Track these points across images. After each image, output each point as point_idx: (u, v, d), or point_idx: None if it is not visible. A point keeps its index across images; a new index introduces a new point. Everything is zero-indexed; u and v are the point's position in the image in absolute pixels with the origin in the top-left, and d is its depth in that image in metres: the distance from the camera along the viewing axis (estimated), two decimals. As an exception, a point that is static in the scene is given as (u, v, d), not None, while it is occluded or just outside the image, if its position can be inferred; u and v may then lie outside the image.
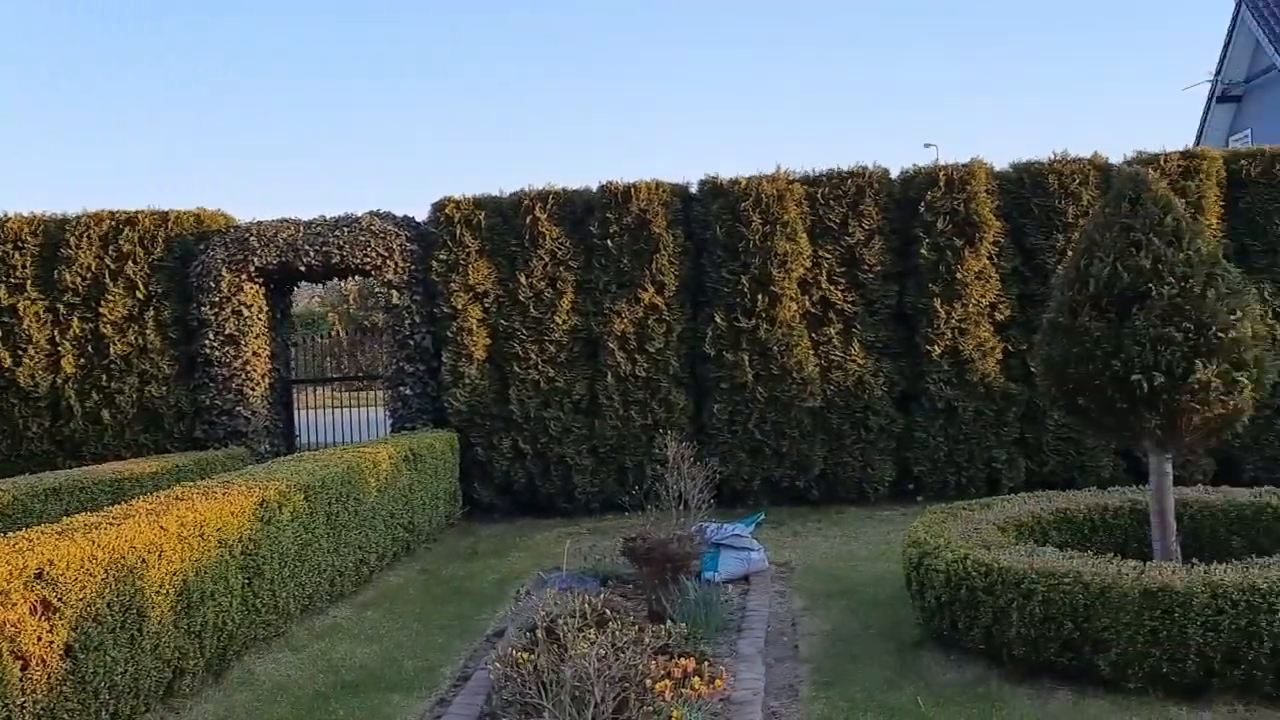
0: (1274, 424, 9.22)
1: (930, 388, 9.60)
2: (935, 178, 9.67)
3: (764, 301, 9.64)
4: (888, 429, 9.68)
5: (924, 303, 9.65)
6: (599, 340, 9.93)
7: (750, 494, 9.77)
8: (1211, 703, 4.48)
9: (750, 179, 9.82)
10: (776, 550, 7.95)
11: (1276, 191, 9.44)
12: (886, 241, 9.81)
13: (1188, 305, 5.30)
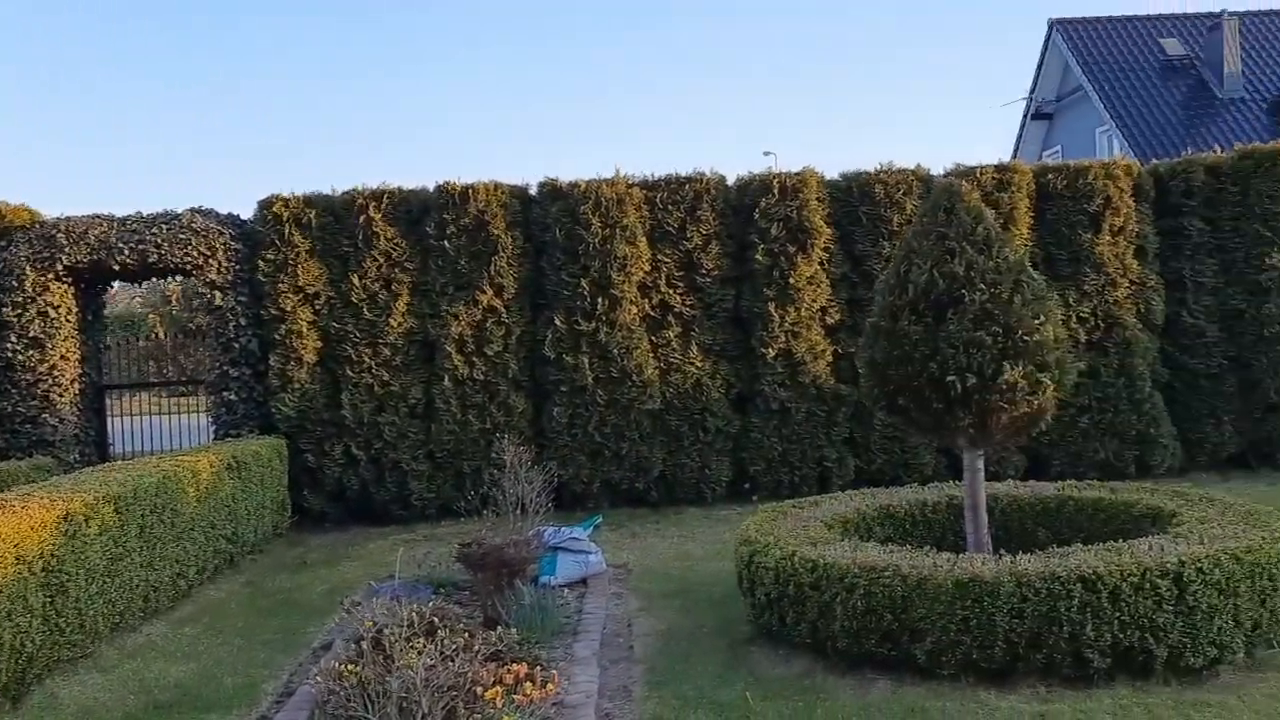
0: (1077, 423, 9.85)
1: (765, 389, 9.84)
2: (769, 185, 9.92)
3: (604, 304, 9.68)
4: (725, 430, 9.87)
5: (759, 307, 9.88)
6: (436, 343, 9.76)
7: (590, 497, 9.79)
8: (1017, 686, 4.74)
9: (590, 182, 9.84)
10: (615, 552, 7.98)
11: (1080, 204, 10.08)
12: (723, 246, 10.01)
13: (997, 310, 5.57)
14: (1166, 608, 4.67)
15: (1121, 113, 25.47)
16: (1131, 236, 10.12)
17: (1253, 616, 4.85)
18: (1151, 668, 4.73)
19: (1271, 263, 9.98)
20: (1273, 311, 9.95)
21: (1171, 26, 27.61)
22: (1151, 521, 5.91)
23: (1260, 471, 10.06)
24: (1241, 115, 25.27)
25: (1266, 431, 10.11)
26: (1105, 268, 9.99)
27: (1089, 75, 26.54)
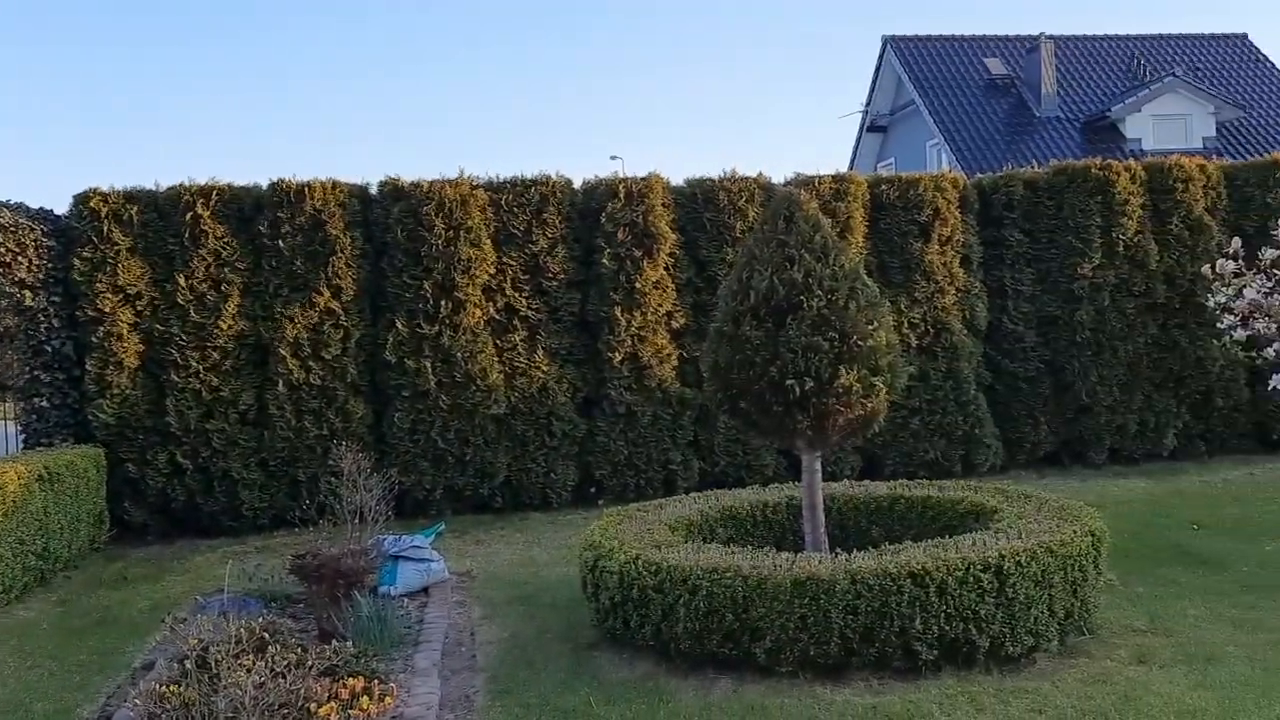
0: (909, 424, 10.27)
1: (612, 393, 9.87)
2: (616, 190, 9.96)
3: (448, 307, 9.51)
4: (571, 434, 9.85)
5: (606, 311, 9.90)
6: (269, 346, 9.37)
7: (433, 504, 9.59)
8: (851, 680, 4.88)
9: (433, 183, 9.66)
10: (458, 560, 7.85)
11: (911, 214, 10.51)
12: (570, 250, 9.99)
13: (834, 316, 5.74)
14: (989, 600, 4.90)
15: (950, 127, 26.79)
16: (958, 246, 10.61)
17: (1065, 606, 5.14)
18: (975, 658, 4.95)
19: (1083, 272, 10.64)
20: (1084, 318, 10.62)
21: (995, 47, 29.21)
22: (975, 518, 6.20)
23: (1073, 469, 10.72)
24: (1057, 133, 26.95)
25: (1078, 431, 10.78)
26: (934, 276, 10.45)
27: (920, 91, 27.83)
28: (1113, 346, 10.67)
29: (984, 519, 6.08)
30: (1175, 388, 10.84)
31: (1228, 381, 10.79)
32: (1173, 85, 26.16)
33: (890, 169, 28.16)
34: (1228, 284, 8.31)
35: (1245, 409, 10.92)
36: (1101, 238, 10.69)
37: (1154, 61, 29.13)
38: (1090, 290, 10.66)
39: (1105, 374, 10.64)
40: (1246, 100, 27.79)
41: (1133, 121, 26.17)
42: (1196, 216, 10.89)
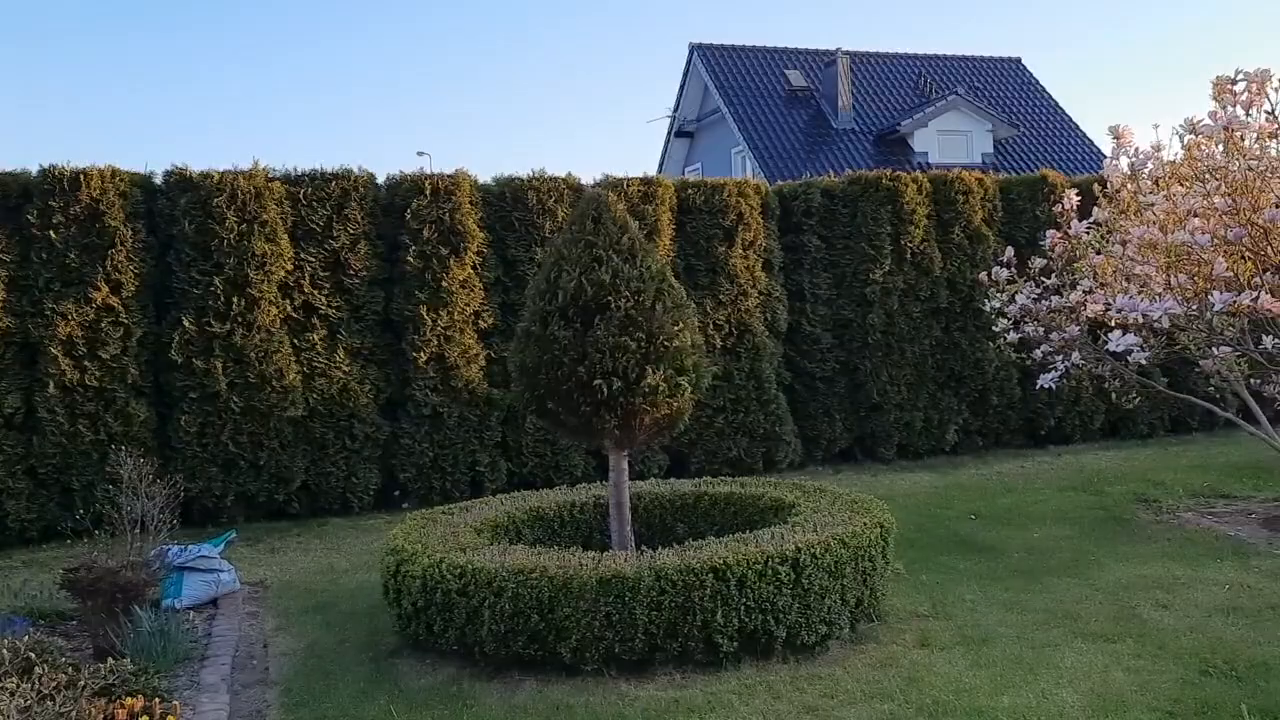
0: (714, 422, 10.52)
1: (417, 394, 9.65)
2: (421, 186, 9.75)
3: (240, 305, 9.06)
4: (374, 437, 9.57)
5: (411, 310, 9.68)
6: (39, 345, 8.66)
7: (224, 511, 9.12)
8: (655, 675, 4.95)
9: (225, 174, 9.18)
10: (251, 569, 7.49)
11: (716, 219, 10.78)
12: (373, 247, 9.71)
13: (641, 317, 5.79)
14: (786, 591, 5.07)
15: (753, 135, 27.68)
16: (761, 251, 10.96)
17: (856, 595, 5.39)
18: (773, 648, 5.11)
19: (875, 278, 11.20)
20: (875, 321, 11.17)
21: (795, 59, 30.41)
22: (775, 513, 6.40)
23: (865, 464, 11.27)
24: (853, 144, 28.30)
25: (870, 428, 11.33)
26: (738, 279, 10.75)
27: (725, 98, 28.64)
28: (901, 348, 11.27)
29: (783, 514, 6.28)
30: (956, 387, 11.56)
31: (1002, 381, 11.59)
32: (956, 103, 27.95)
33: (698, 174, 28.83)
34: (1002, 290, 8.93)
35: (1017, 406, 11.75)
36: (891, 245, 11.28)
37: (939, 80, 31.05)
38: (881, 295, 11.23)
39: (894, 374, 11.23)
40: (1020, 120, 30.01)
41: (920, 136, 27.80)
42: (976, 227, 11.64)
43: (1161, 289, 7.67)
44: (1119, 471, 10.08)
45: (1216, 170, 7.61)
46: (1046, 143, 30.06)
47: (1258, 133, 7.46)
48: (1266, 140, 7.42)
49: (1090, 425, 11.98)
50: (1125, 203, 8.19)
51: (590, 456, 10.07)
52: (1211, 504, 8.51)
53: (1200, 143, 7.76)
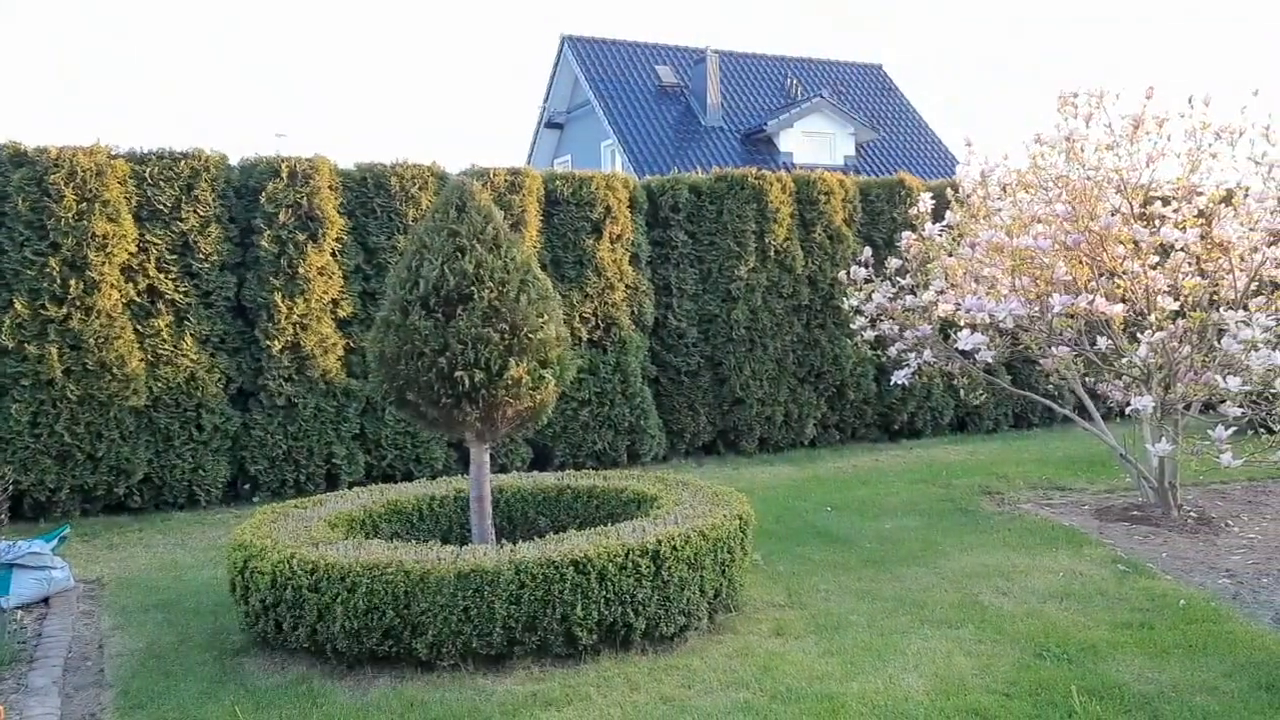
0: (578, 415, 10.51)
1: (270, 384, 9.32)
2: (278, 169, 9.41)
3: (79, 288, 8.57)
4: (223, 428, 9.20)
5: (265, 296, 9.33)
6: None
7: (58, 505, 8.62)
8: (513, 669, 4.90)
9: (63, 149, 8.66)
10: (87, 566, 7.10)
11: (584, 211, 10.76)
12: (225, 231, 9.32)
13: (505, 309, 5.72)
14: (645, 583, 5.09)
15: (623, 129, 27.77)
16: (628, 244, 10.99)
17: (715, 586, 5.46)
18: (632, 639, 5.13)
19: (739, 274, 11.37)
20: (739, 317, 11.35)
21: (666, 55, 30.65)
22: (637, 506, 6.43)
23: (727, 457, 11.44)
24: (721, 142, 28.70)
25: (733, 422, 11.51)
26: (605, 272, 10.76)
27: (595, 91, 28.64)
28: (764, 344, 11.49)
29: (645, 506, 6.31)
30: (816, 382, 11.85)
31: (859, 377, 11.94)
32: (820, 106, 28.67)
33: (567, 166, 28.77)
34: (860, 289, 9.19)
35: (873, 401, 12.13)
36: (756, 242, 11.48)
37: (805, 82, 31.78)
38: (746, 291, 11.42)
39: (757, 369, 11.43)
40: (880, 124, 30.99)
41: (786, 136, 28.40)
42: (837, 227, 11.96)
43: (1007, 291, 8.04)
44: (966, 464, 10.51)
45: (1058, 179, 8.02)
46: (905, 147, 31.14)
47: (1096, 145, 7.89)
48: (1103, 152, 7.86)
49: (941, 420, 12.46)
50: (975, 207, 8.54)
51: (452, 449, 9.93)
52: (1049, 495, 8.96)
53: (1044, 152, 8.17)
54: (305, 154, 9.58)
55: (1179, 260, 7.51)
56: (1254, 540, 7.31)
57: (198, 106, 67.74)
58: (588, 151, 29.76)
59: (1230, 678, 4.64)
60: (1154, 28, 67.89)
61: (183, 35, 67.16)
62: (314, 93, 69.72)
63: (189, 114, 65.37)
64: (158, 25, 67.09)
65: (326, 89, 69.84)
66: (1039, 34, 69.30)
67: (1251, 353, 6.86)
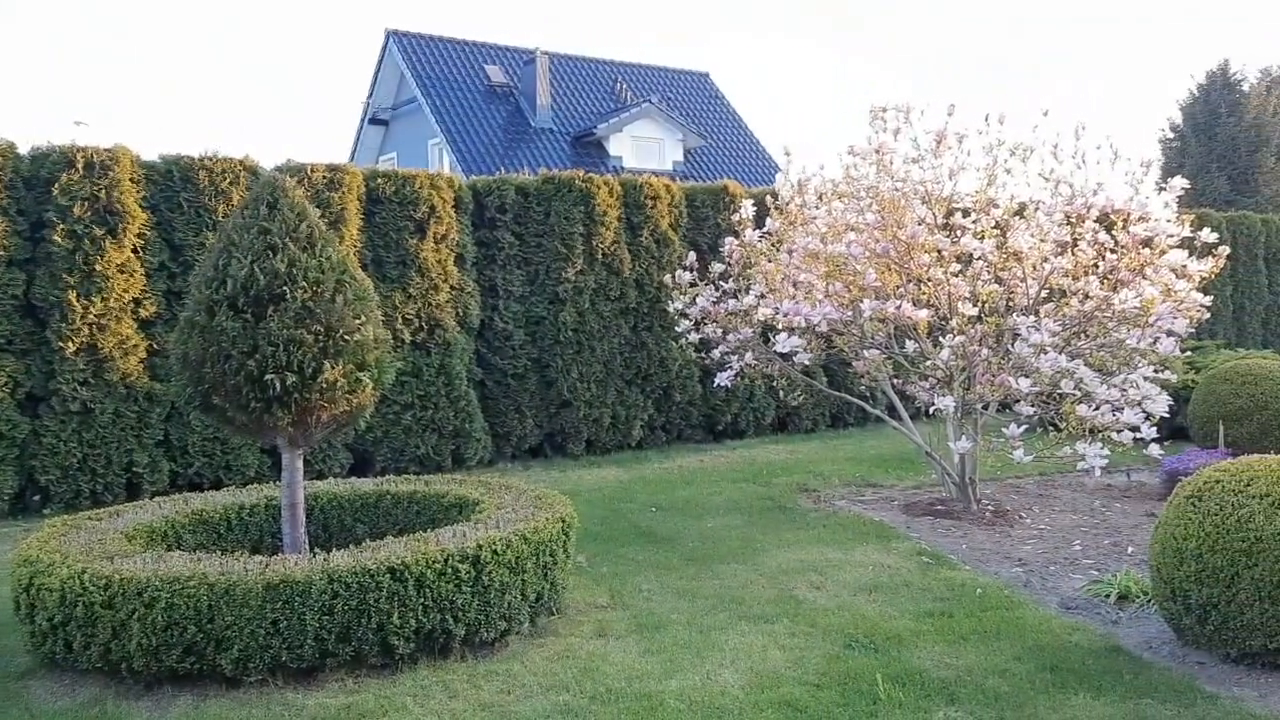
0: (401, 419, 10.28)
1: (63, 388, 8.71)
2: (73, 159, 8.82)
3: None
4: (9, 435, 8.55)
5: (57, 295, 8.73)
6: None
7: None
8: (325, 682, 4.74)
9: None
10: None
11: (407, 210, 10.53)
12: (13, 224, 8.67)
13: (319, 309, 5.54)
14: (465, 589, 5.02)
15: (451, 128, 27.38)
16: (453, 245, 10.83)
17: (537, 589, 5.43)
18: (451, 646, 5.05)
19: (567, 276, 11.38)
20: (567, 319, 11.36)
21: (495, 55, 30.39)
22: (459, 510, 6.34)
23: (555, 460, 11.43)
24: (551, 144, 28.68)
25: (560, 425, 11.50)
26: (429, 273, 10.57)
27: (422, 89, 28.13)
28: (591, 346, 11.53)
29: (467, 511, 6.23)
30: (643, 384, 11.98)
31: (685, 379, 12.15)
32: (649, 111, 29.04)
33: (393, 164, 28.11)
34: (684, 293, 9.36)
35: (698, 403, 12.36)
36: (584, 245, 11.51)
37: (634, 87, 32.13)
38: (573, 293, 11.43)
39: (585, 371, 11.47)
40: (707, 132, 31.65)
41: (615, 140, 28.64)
42: (663, 231, 12.13)
43: (822, 296, 8.35)
44: (786, 463, 10.85)
45: (869, 189, 8.38)
46: (731, 154, 31.91)
47: (904, 157, 8.30)
48: (910, 164, 8.27)
49: (762, 421, 12.82)
50: (793, 215, 8.83)
51: (265, 455, 9.54)
52: (862, 492, 9.35)
53: (856, 163, 8.53)
54: (104, 144, 9.02)
55: (978, 268, 7.98)
56: (1044, 531, 7.83)
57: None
58: (414, 150, 29.19)
59: (1020, 660, 4.95)
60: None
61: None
62: (123, 83, 65.71)
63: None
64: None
65: (138, 79, 65.96)
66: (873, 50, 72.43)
67: (1041, 355, 7.36)
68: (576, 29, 64.61)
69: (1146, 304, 7.48)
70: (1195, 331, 9.16)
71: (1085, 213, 7.94)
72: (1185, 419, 10.75)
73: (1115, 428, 7.29)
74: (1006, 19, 65.85)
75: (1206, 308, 7.79)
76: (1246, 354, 12.49)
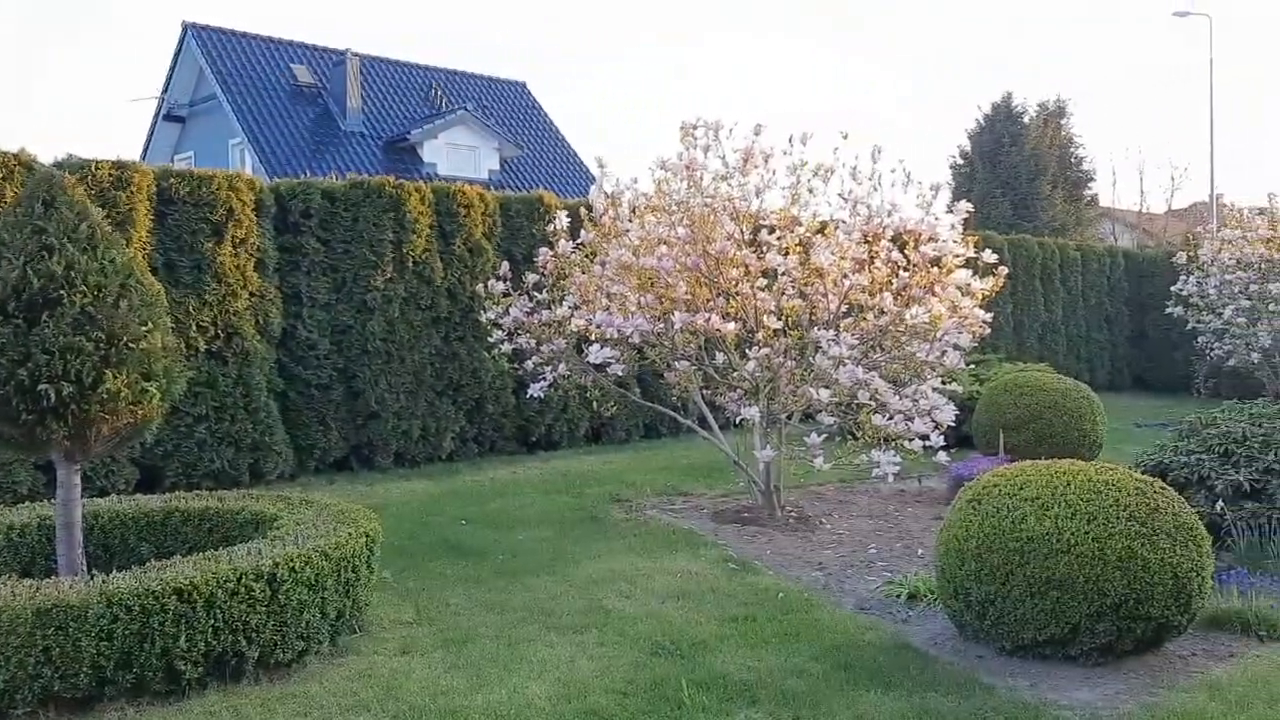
0: (194, 432, 9.72)
1: None
2: None
3: None
4: None
5: None
6: None
7: None
8: (103, 712, 4.44)
9: None
10: None
11: (203, 212, 9.99)
12: None
13: (100, 315, 5.21)
14: (260, 609, 4.79)
15: (254, 128, 26.27)
16: (253, 250, 10.36)
17: (338, 607, 5.25)
18: (244, 669, 4.81)
19: (376, 284, 11.09)
20: (375, 329, 11.06)
21: (303, 54, 29.37)
22: (255, 527, 6.05)
23: (361, 473, 11.08)
24: (362, 149, 27.95)
25: (368, 437, 11.18)
26: (227, 278, 10.06)
27: (223, 86, 26.88)
28: (401, 356, 11.27)
29: (264, 527, 5.95)
30: (454, 395, 11.80)
31: (498, 390, 12.04)
32: (464, 119, 28.73)
33: (190, 162, 26.73)
34: (498, 303, 9.29)
35: (512, 414, 12.27)
36: (393, 252, 11.25)
37: (450, 94, 31.73)
38: (382, 302, 11.14)
39: (394, 382, 11.19)
40: (524, 142, 31.60)
41: (430, 147, 28.19)
42: (477, 240, 12.00)
43: (635, 307, 8.46)
44: (599, 474, 10.92)
45: (680, 204, 8.57)
46: (547, 165, 31.96)
47: (713, 174, 8.53)
48: (719, 181, 8.50)
49: (576, 432, 12.85)
50: (607, 227, 8.92)
51: (40, 471, 8.83)
52: (673, 501, 9.51)
53: (668, 178, 8.70)
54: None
55: (784, 283, 8.27)
56: (843, 535, 8.19)
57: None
58: (214, 149, 27.81)
59: (817, 660, 5.14)
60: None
61: None
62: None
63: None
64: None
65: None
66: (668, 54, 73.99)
67: (840, 367, 7.70)
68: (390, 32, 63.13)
69: (935, 319, 7.94)
70: (979, 345, 9.79)
71: (881, 232, 8.36)
72: (970, 427, 11.47)
73: (907, 436, 7.71)
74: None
75: (988, 323, 8.34)
76: (1025, 367, 13.46)
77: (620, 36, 74.17)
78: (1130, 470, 5.59)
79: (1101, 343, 20.93)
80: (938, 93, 69.23)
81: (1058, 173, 30.58)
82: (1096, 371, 20.33)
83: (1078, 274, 20.48)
